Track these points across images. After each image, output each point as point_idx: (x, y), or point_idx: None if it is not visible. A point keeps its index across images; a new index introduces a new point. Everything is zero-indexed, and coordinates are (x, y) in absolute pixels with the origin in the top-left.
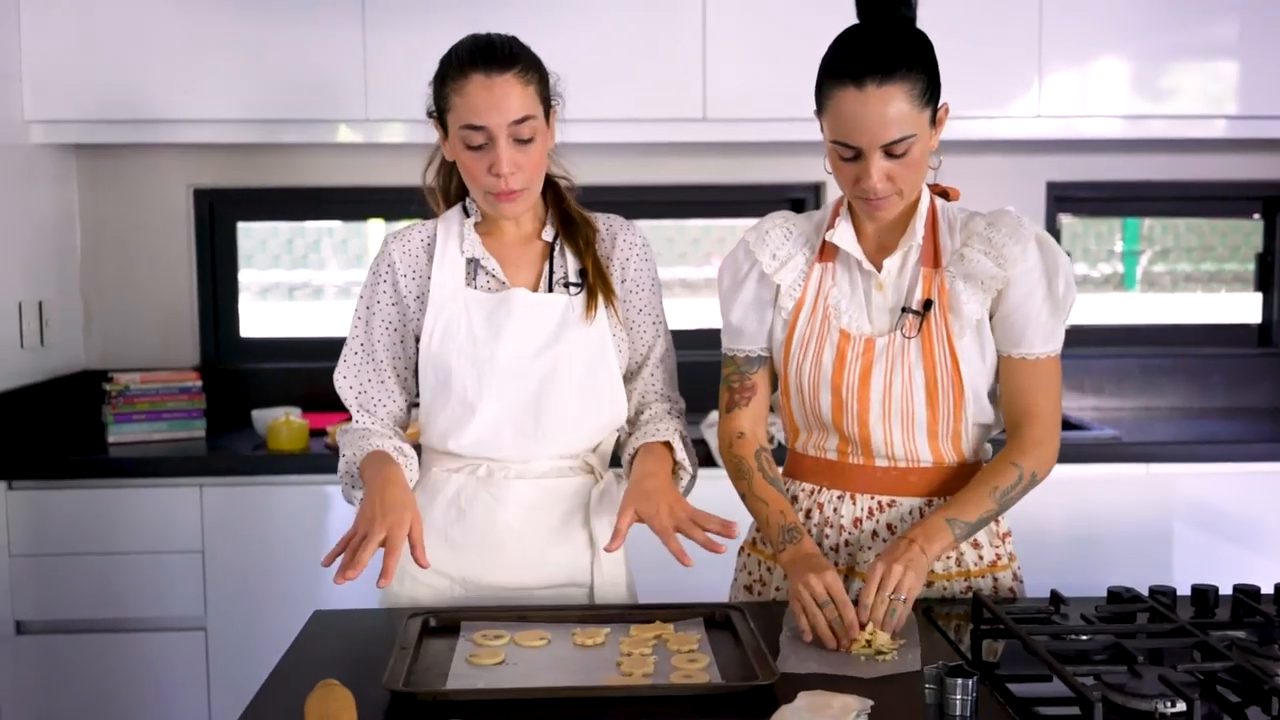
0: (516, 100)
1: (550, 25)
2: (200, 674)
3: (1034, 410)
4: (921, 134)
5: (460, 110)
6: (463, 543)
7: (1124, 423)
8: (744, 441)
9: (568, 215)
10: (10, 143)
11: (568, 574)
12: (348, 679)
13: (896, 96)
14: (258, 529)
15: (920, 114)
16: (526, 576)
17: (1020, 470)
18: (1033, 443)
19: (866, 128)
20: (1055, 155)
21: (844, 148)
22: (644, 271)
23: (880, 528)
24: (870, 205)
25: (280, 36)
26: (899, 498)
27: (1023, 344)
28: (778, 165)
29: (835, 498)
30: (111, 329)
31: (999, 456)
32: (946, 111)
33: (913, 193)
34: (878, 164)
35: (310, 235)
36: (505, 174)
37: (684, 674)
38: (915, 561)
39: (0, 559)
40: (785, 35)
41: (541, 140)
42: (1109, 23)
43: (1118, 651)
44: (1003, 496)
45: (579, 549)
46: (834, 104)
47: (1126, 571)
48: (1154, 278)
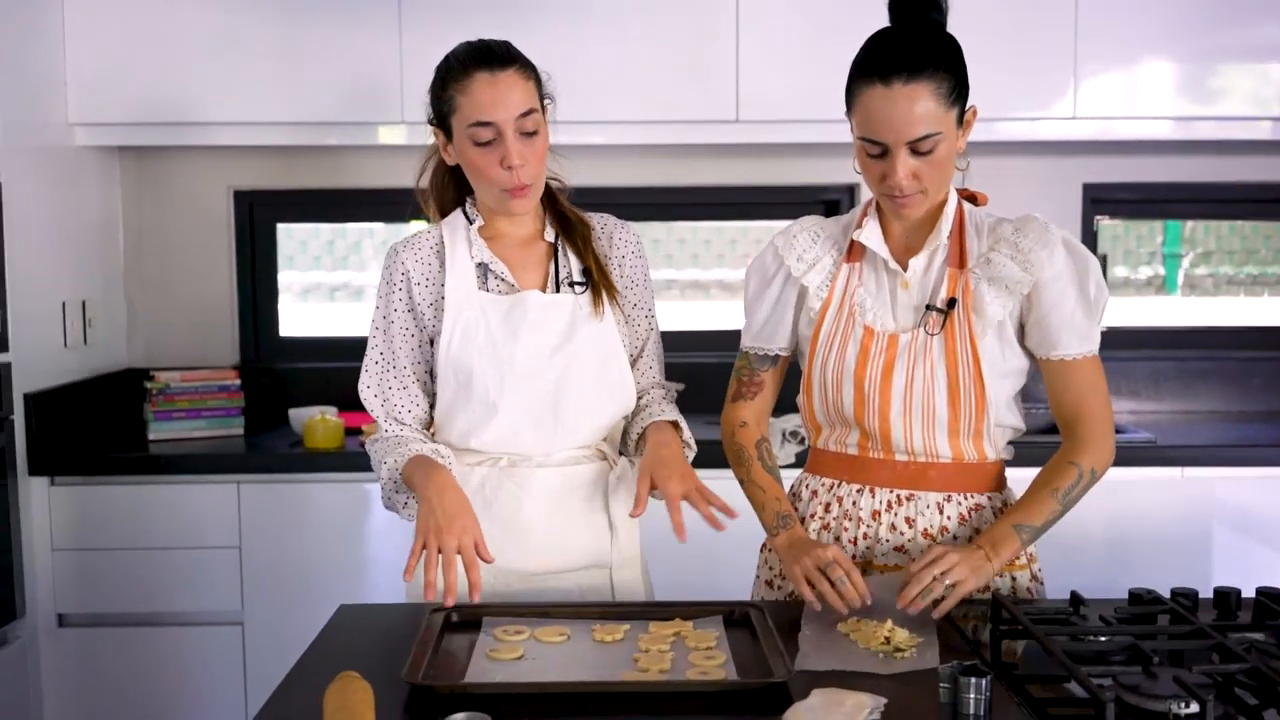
0: (520, 94)
1: (582, 27)
2: (237, 668)
3: (1083, 409)
4: (947, 133)
5: (466, 109)
6: (489, 531)
7: (1160, 426)
8: (746, 431)
9: (564, 216)
10: (55, 145)
11: (590, 556)
12: (370, 672)
13: (923, 94)
14: (294, 525)
15: (946, 113)
16: (552, 561)
17: (1079, 468)
18: (1088, 439)
19: (892, 124)
20: (1092, 157)
21: (871, 144)
22: (638, 269)
23: (899, 520)
24: (896, 203)
25: (319, 40)
26: (918, 492)
27: (1059, 346)
28: (811, 167)
29: (854, 491)
30: (153, 328)
31: (1056, 458)
32: (974, 114)
33: (938, 192)
34: (903, 161)
35: (351, 236)
36: (516, 166)
37: (700, 670)
38: (979, 565)
39: (43, 553)
40: (818, 36)
41: (543, 134)
42: (1146, 24)
43: (1135, 653)
44: (1065, 496)
45: (599, 532)
46: (862, 101)
47: (1161, 576)
48: (1196, 280)
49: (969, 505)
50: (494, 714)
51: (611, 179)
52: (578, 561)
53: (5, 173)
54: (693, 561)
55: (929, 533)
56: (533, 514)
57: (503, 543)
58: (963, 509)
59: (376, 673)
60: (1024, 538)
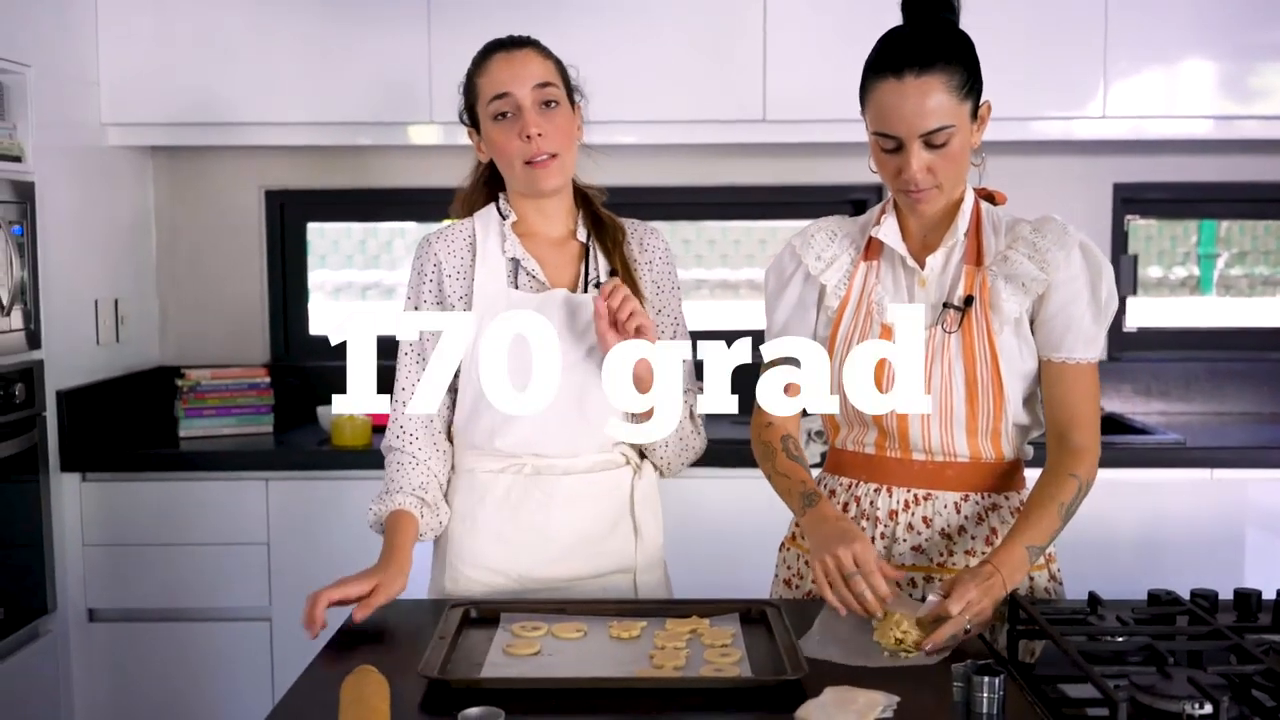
0: (538, 66)
1: (609, 27)
2: (265, 664)
3: (1079, 417)
4: (961, 127)
5: (485, 88)
6: (516, 540)
7: (1190, 427)
8: (772, 429)
9: (597, 217)
10: (89, 145)
11: (616, 562)
12: (387, 666)
13: (935, 87)
14: (322, 522)
15: (959, 106)
16: (580, 567)
17: (1079, 481)
18: (1082, 449)
19: (905, 117)
20: (1122, 157)
21: (885, 138)
22: (665, 274)
23: (916, 520)
24: (912, 197)
25: (349, 41)
26: (936, 491)
27: (1063, 348)
28: (840, 166)
29: (872, 491)
30: (185, 326)
31: (1052, 469)
32: (989, 110)
33: (954, 188)
34: (917, 154)
35: (383, 236)
36: (533, 134)
37: (715, 668)
38: (997, 598)
39: (74, 549)
40: (845, 36)
41: (567, 110)
42: (1177, 22)
43: (1151, 653)
44: (1067, 511)
45: (625, 537)
46: (875, 96)
47: (1190, 579)
48: (1231, 281)
49: (986, 505)
50: (509, 709)
51: (639, 179)
52: (604, 567)
53: (39, 172)
54: (712, 561)
55: (946, 532)
56: (561, 523)
57: (530, 551)
58: (980, 508)
59: (394, 667)
60: (1033, 558)
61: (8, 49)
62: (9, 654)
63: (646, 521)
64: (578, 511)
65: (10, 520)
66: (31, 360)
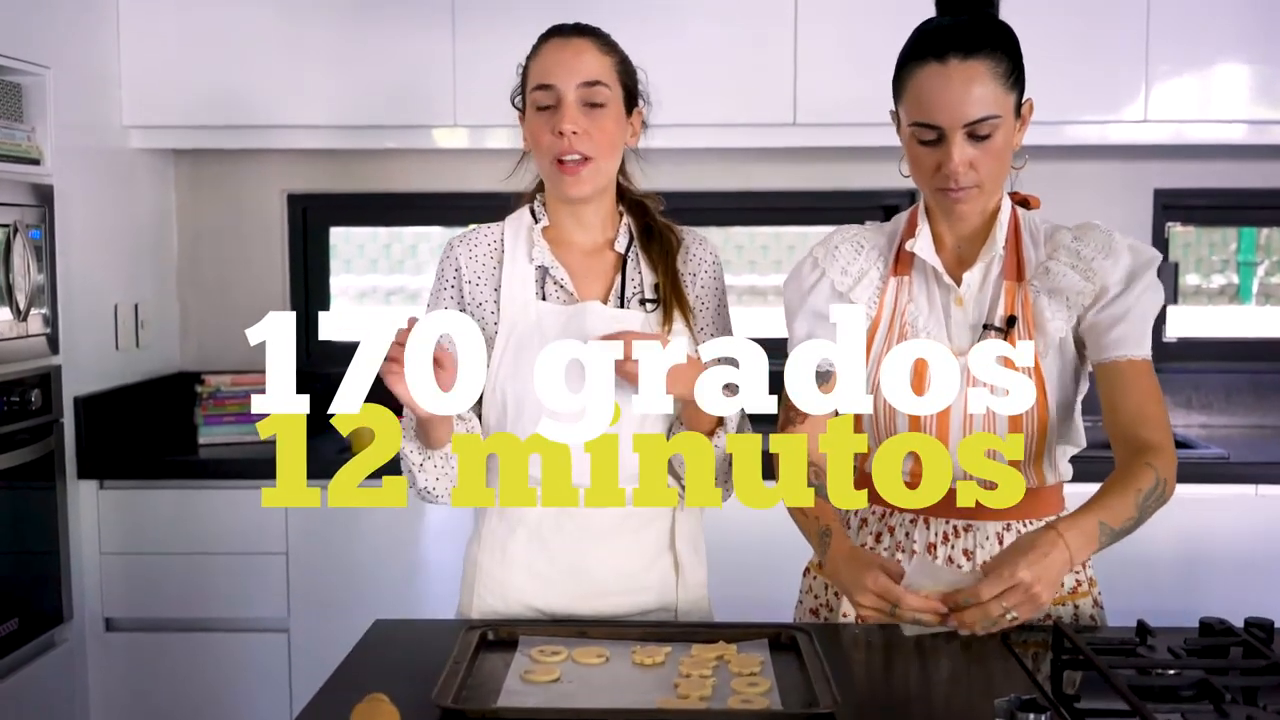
0: (591, 61)
1: (638, 30)
2: (283, 675)
3: (1146, 415)
4: (1006, 118)
5: (533, 73)
6: (548, 574)
7: (1233, 441)
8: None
9: (650, 228)
10: (110, 147)
11: (657, 598)
12: (400, 692)
13: (981, 72)
14: (342, 532)
15: (1004, 97)
16: (618, 603)
17: (1155, 471)
18: (1158, 446)
19: (949, 103)
20: (1163, 162)
21: (925, 129)
22: (711, 288)
23: (956, 554)
24: (950, 197)
25: (373, 43)
26: (976, 522)
27: (1120, 347)
28: (870, 171)
29: (908, 521)
30: (206, 331)
31: (1126, 463)
32: (1031, 108)
33: (994, 189)
34: (960, 147)
35: (408, 240)
36: (566, 129)
37: (743, 698)
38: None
39: (91, 557)
40: (876, 39)
41: (616, 115)
42: (1221, 25)
43: (1206, 689)
44: (1143, 503)
45: (665, 571)
46: (915, 83)
47: (1233, 597)
48: (1271, 289)
49: None
50: None
51: (666, 183)
52: (646, 604)
53: (59, 175)
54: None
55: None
56: (595, 557)
57: (563, 586)
58: None
59: (407, 693)
60: (1103, 540)
61: (26, 50)
62: (25, 663)
63: (688, 558)
64: (613, 545)
65: (26, 528)
66: (49, 366)
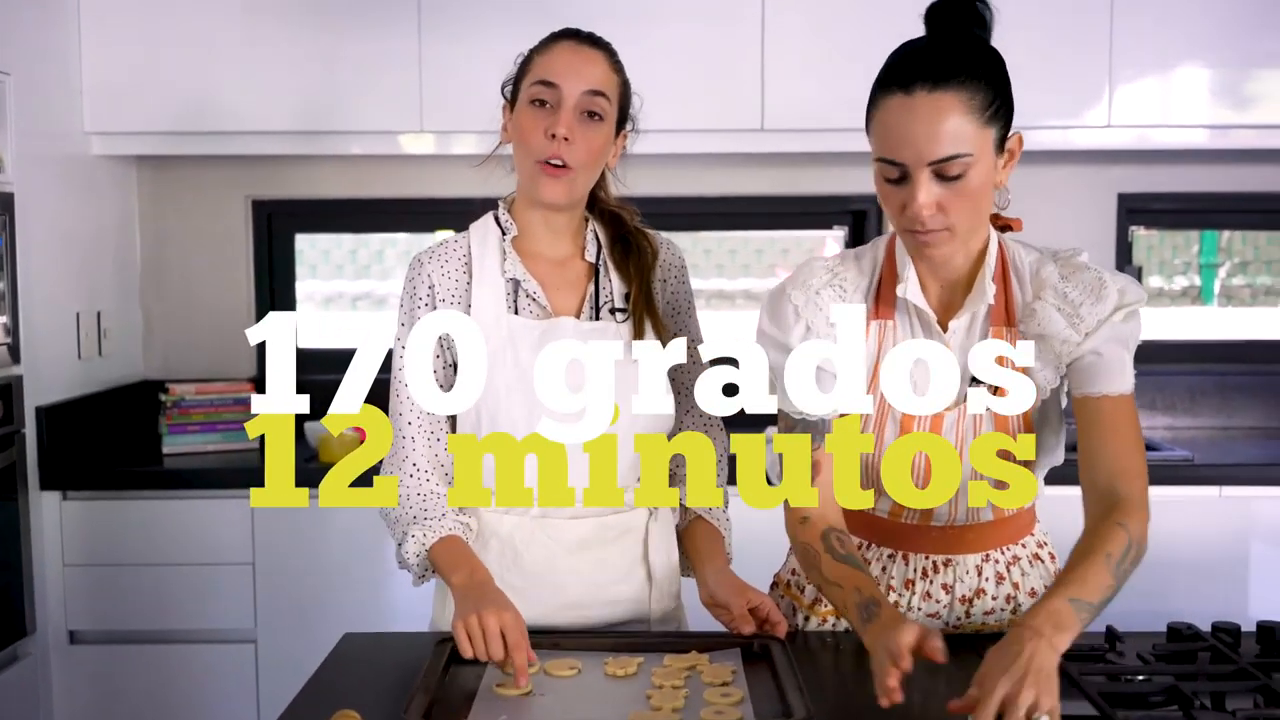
0: (600, 73)
1: (606, 35)
2: (250, 686)
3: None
4: (980, 157)
5: (538, 68)
6: (521, 586)
7: (1197, 443)
8: (809, 526)
9: (627, 240)
10: (71, 154)
11: (630, 610)
12: (370, 707)
13: (950, 106)
14: (309, 542)
15: (979, 132)
16: (591, 615)
17: (1127, 532)
18: (1131, 502)
19: (911, 139)
20: (1127, 166)
21: (889, 165)
22: (680, 294)
23: (934, 589)
24: (918, 239)
25: (338, 49)
26: (956, 556)
27: (1097, 382)
28: (837, 176)
29: (885, 556)
30: (169, 340)
31: (1096, 523)
32: (1020, 144)
33: (969, 234)
34: (925, 186)
35: (374, 245)
36: (560, 133)
37: (715, 709)
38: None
39: (54, 569)
40: (844, 45)
41: (608, 131)
42: (1182, 31)
43: (1175, 694)
44: (1118, 567)
45: (639, 584)
46: (880, 115)
47: (1196, 601)
48: (1233, 291)
49: (1006, 559)
50: None
51: (634, 189)
52: (618, 615)
53: (20, 182)
54: None
55: (966, 598)
56: (567, 568)
57: (536, 598)
58: (1000, 567)
59: (377, 708)
60: (1083, 616)
61: None
62: None
63: (662, 571)
64: (586, 557)
65: None
66: (10, 376)
